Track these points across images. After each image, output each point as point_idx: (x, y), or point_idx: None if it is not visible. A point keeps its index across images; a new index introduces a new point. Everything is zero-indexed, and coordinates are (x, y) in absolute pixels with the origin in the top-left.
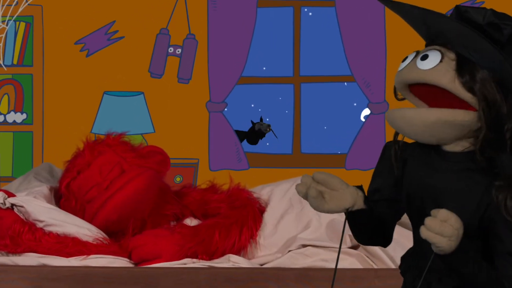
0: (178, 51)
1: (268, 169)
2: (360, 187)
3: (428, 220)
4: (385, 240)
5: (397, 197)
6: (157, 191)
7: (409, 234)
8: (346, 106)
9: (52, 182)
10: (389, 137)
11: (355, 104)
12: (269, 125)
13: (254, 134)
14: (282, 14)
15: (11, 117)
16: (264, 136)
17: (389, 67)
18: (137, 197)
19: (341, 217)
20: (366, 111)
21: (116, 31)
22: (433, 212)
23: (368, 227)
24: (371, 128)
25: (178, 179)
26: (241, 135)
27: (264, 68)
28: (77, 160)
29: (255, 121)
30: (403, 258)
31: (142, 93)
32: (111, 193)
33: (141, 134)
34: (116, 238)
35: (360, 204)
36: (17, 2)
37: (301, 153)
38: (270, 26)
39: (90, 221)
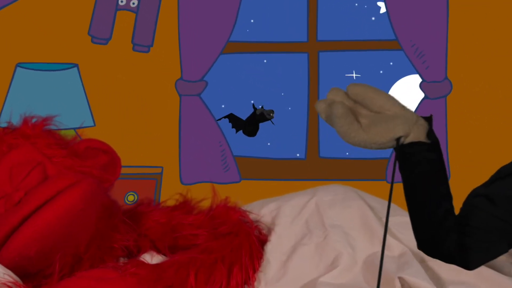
0: (133, 3)
1: (269, 182)
2: (426, 118)
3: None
4: (470, 248)
5: None
6: (100, 211)
7: None
8: (387, 86)
9: None
10: (453, 135)
11: (401, 83)
12: (272, 111)
13: (255, 121)
14: None
15: None
16: (265, 119)
17: (452, 27)
18: (69, 220)
19: (388, 251)
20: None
21: None
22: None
23: (436, 186)
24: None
25: (130, 198)
26: (237, 124)
27: (263, 30)
28: None
29: (253, 106)
30: None
31: (76, 65)
32: (27, 212)
33: (74, 128)
34: (34, 282)
35: (419, 136)
36: None
37: (319, 158)
38: None
39: None
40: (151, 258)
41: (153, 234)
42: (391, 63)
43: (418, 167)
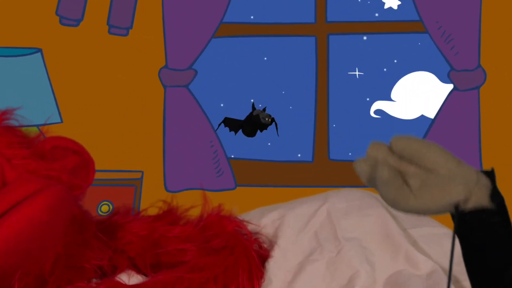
0: None
1: (270, 189)
2: (487, 172)
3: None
4: None
5: None
6: (69, 224)
7: None
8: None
9: None
10: (487, 132)
11: (429, 73)
12: (269, 115)
13: (252, 122)
14: None
15: None
16: (265, 128)
17: (486, 6)
18: (31, 234)
19: (415, 269)
20: (380, 104)
21: None
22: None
23: (503, 253)
24: (456, 114)
25: (104, 208)
26: (234, 126)
27: (263, 9)
28: None
29: (253, 106)
30: None
31: (40, 50)
32: None
33: (37, 125)
34: None
35: (481, 201)
36: None
37: (329, 161)
38: None
39: None
40: (129, 278)
41: (132, 249)
42: (414, 48)
43: (481, 236)
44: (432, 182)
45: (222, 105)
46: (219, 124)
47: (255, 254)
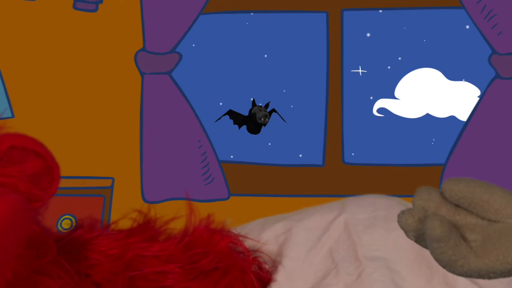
0: None
1: (271, 199)
2: None
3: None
4: None
5: None
6: (24, 244)
7: None
8: (443, 59)
9: None
10: None
11: (434, 69)
12: (267, 115)
13: (252, 120)
14: None
15: None
16: (263, 124)
17: None
18: None
19: None
20: (383, 102)
21: None
22: None
23: None
24: (498, 106)
25: (66, 224)
26: (238, 120)
27: None
28: None
29: (253, 102)
30: None
31: None
32: None
33: None
34: None
35: None
36: None
37: (344, 165)
38: None
39: None
40: None
41: (99, 273)
42: (447, 26)
43: None
44: (498, 236)
45: (221, 103)
46: (222, 116)
47: (253, 277)
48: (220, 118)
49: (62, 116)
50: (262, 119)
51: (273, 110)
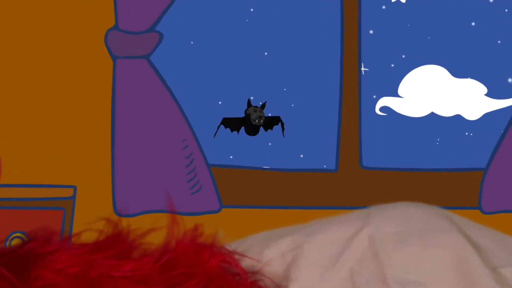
0: None
1: (273, 211)
2: None
3: None
4: None
5: None
6: None
7: None
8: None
9: None
10: None
11: (439, 67)
12: (261, 116)
13: (248, 121)
14: None
15: None
16: (270, 127)
17: None
18: None
19: None
20: (386, 101)
21: None
22: None
23: None
24: None
25: (15, 241)
26: (233, 125)
27: None
28: None
29: (248, 103)
30: None
31: None
32: None
33: None
34: None
35: None
36: None
37: (361, 169)
38: None
39: None
40: None
41: None
42: (452, 22)
43: None
44: None
45: (220, 102)
46: (217, 129)
47: None
48: (216, 132)
49: (13, 109)
50: (257, 121)
51: (279, 119)
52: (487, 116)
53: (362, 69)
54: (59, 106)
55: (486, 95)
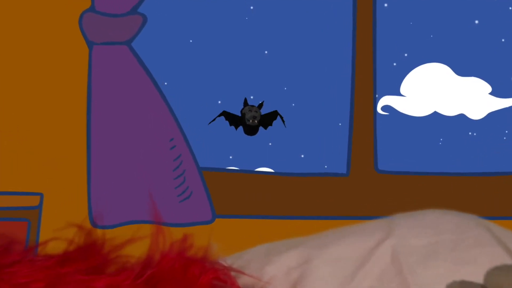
0: None
1: (273, 222)
2: None
3: None
4: None
5: None
6: None
7: None
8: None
9: None
10: None
11: (443, 65)
12: (255, 115)
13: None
14: None
15: None
16: (269, 124)
17: None
18: None
19: None
20: (388, 100)
21: None
22: None
23: None
24: None
25: None
26: (234, 120)
27: None
28: None
29: (244, 102)
30: None
31: None
32: None
33: None
34: None
35: None
36: None
37: (377, 174)
38: None
39: None
40: None
41: None
42: (455, 20)
43: None
44: None
45: (219, 102)
46: (217, 117)
47: None
48: (213, 121)
49: None
50: (251, 121)
51: (276, 113)
52: (492, 115)
53: None
54: (25, 100)
55: (490, 93)
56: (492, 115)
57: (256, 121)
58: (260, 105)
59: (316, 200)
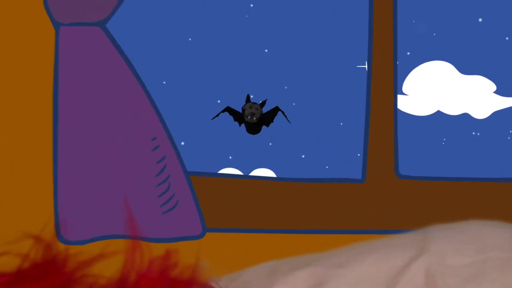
0: None
1: (275, 237)
2: None
3: None
4: None
5: None
6: None
7: None
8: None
9: None
10: None
11: (446, 63)
12: (254, 113)
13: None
14: None
15: None
16: (268, 123)
17: None
18: None
19: None
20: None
21: None
22: None
23: None
24: None
25: None
26: (237, 117)
27: None
28: None
29: (247, 98)
30: None
31: None
32: None
33: None
34: None
35: None
36: None
37: (398, 179)
38: None
39: None
40: None
41: None
42: (459, 17)
43: None
44: None
45: (219, 101)
46: (221, 112)
47: None
48: (217, 115)
49: None
50: (249, 117)
51: (277, 109)
52: (496, 114)
53: (360, 66)
54: None
55: (495, 92)
56: (496, 114)
57: (254, 118)
58: (263, 103)
59: (326, 210)
